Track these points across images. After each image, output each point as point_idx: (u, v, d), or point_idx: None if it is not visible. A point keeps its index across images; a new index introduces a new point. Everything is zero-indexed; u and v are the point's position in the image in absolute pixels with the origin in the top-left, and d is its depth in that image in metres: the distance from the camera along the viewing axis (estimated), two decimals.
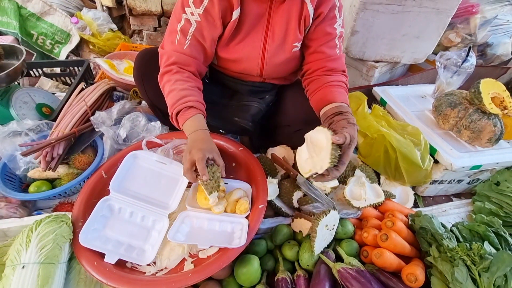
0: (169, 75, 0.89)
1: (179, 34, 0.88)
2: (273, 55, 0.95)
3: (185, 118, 0.85)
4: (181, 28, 0.88)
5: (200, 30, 0.87)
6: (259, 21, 0.91)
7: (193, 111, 0.85)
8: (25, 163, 1.00)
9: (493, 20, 1.56)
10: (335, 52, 0.95)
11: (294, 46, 0.94)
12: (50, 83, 1.65)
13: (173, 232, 0.81)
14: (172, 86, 0.87)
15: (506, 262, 0.75)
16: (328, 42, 0.93)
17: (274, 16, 0.90)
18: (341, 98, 0.88)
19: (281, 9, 0.89)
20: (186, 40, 0.88)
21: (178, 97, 0.85)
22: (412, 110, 1.37)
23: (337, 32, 0.94)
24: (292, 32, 0.92)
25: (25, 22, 1.92)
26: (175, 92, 0.86)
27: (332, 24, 0.92)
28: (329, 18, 0.91)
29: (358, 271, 0.79)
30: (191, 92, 0.87)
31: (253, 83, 1.09)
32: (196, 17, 0.86)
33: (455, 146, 1.17)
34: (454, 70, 1.36)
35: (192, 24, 0.87)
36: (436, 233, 0.90)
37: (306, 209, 1.01)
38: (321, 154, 0.75)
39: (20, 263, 0.68)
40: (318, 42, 0.94)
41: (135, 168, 0.95)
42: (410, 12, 1.37)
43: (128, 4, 2.13)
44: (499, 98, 1.16)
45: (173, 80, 0.87)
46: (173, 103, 0.86)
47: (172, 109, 0.86)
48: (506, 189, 1.17)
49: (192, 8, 0.85)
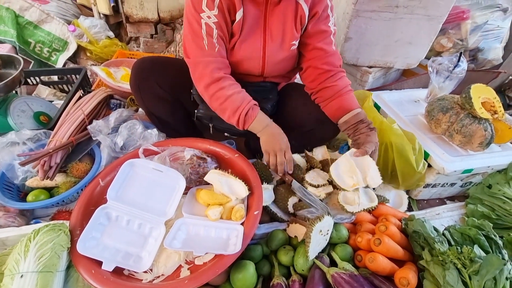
0: (219, 83, 0.93)
1: (206, 39, 0.90)
2: (273, 54, 1.00)
3: (253, 116, 0.93)
4: (206, 33, 0.90)
5: (221, 28, 0.92)
6: (257, 22, 0.95)
7: (257, 108, 0.95)
8: (23, 172, 1.01)
9: (484, 25, 1.59)
10: (331, 48, 1.02)
11: (292, 45, 1.00)
12: (47, 91, 1.66)
13: (169, 239, 0.83)
14: (229, 91, 0.92)
15: (495, 265, 0.77)
16: (324, 39, 1.00)
17: (270, 17, 0.95)
18: (356, 104, 1.00)
19: (276, 10, 0.93)
20: (215, 44, 0.92)
21: (241, 99, 0.93)
22: (406, 114, 1.39)
23: (331, 29, 1.01)
24: (289, 31, 0.96)
25: (22, 31, 1.94)
26: (235, 95, 0.93)
27: (327, 23, 1.00)
28: (324, 17, 0.98)
29: (352, 275, 0.81)
30: (246, 94, 0.96)
31: (255, 83, 1.11)
32: (213, 19, 0.89)
33: (447, 150, 1.19)
34: (446, 75, 1.39)
35: (213, 27, 0.90)
36: (429, 236, 0.92)
37: (301, 215, 1.02)
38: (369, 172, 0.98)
39: (19, 272, 0.69)
40: (315, 40, 1.00)
41: (132, 176, 0.96)
42: (402, 19, 1.40)
43: (125, 12, 2.15)
44: (489, 103, 1.19)
45: (227, 85, 0.93)
46: (238, 106, 0.92)
47: (240, 111, 0.92)
48: (497, 191, 1.19)
49: (207, 12, 0.88)
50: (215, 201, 0.94)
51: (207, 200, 0.94)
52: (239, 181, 0.93)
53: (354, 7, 1.37)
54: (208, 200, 0.94)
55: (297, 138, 1.18)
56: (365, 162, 0.99)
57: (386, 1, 1.34)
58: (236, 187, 0.93)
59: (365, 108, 1.23)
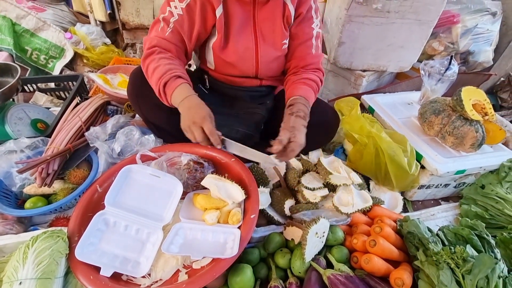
0: (152, 56, 0.92)
1: (162, 23, 0.94)
2: (266, 54, 1.02)
3: (173, 88, 0.86)
4: (163, 17, 0.94)
5: (181, 22, 0.93)
6: (246, 23, 0.97)
7: (180, 80, 0.87)
8: (20, 180, 1.02)
9: (474, 29, 1.63)
10: (311, 51, 1.02)
11: (283, 44, 1.01)
12: (44, 98, 1.67)
13: (167, 244, 0.84)
14: (157, 63, 0.89)
15: (487, 264, 0.79)
16: (305, 41, 1.01)
17: (259, 17, 0.96)
18: (299, 92, 0.97)
19: (264, 10, 0.95)
20: (168, 28, 0.93)
21: (164, 70, 0.87)
22: (399, 117, 1.41)
23: (314, 32, 1.01)
24: (279, 30, 0.98)
25: (19, 38, 1.95)
26: (161, 67, 0.88)
27: (310, 25, 1.00)
28: (307, 18, 0.99)
29: (347, 277, 0.82)
30: (177, 67, 0.90)
31: (252, 88, 1.13)
32: (179, 11, 0.92)
33: (440, 152, 1.22)
34: (438, 78, 1.42)
35: (174, 15, 0.92)
36: (423, 237, 0.93)
37: (298, 217, 1.03)
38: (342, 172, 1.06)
39: (17, 279, 0.70)
40: (296, 41, 1.01)
41: (129, 182, 0.97)
42: (393, 23, 1.43)
43: (121, 19, 2.17)
44: (480, 105, 1.22)
45: (157, 58, 0.91)
46: (159, 76, 0.87)
47: (159, 81, 0.87)
48: (490, 192, 1.21)
49: (176, 2, 0.92)
50: (212, 205, 0.95)
51: (204, 204, 0.95)
52: (236, 185, 0.94)
53: (346, 13, 1.40)
54: (205, 204, 0.95)
55: None
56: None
57: (378, 7, 1.36)
58: (233, 191, 0.94)
59: (352, 116, 1.24)
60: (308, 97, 0.97)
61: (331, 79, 1.76)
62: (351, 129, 1.22)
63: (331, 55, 1.62)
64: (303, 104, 0.94)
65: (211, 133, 0.84)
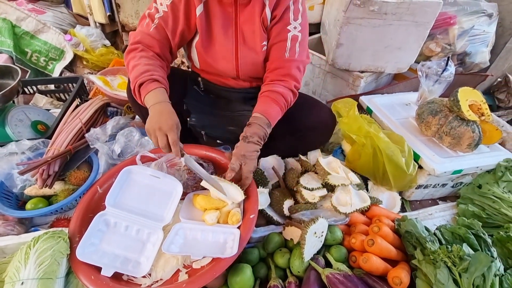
0: (134, 52, 0.93)
1: (148, 19, 0.95)
2: (246, 55, 1.01)
3: (147, 90, 0.87)
4: (149, 13, 0.95)
5: (166, 19, 0.94)
6: (228, 24, 0.97)
7: (156, 84, 0.88)
8: (21, 181, 1.03)
9: (470, 30, 1.65)
10: (283, 54, 0.98)
11: (263, 45, 0.99)
12: (44, 100, 1.68)
13: (167, 244, 0.84)
14: (137, 61, 0.90)
15: (483, 263, 0.80)
16: (277, 43, 0.98)
17: (240, 18, 0.96)
18: (261, 108, 0.96)
19: (246, 12, 0.95)
20: (153, 24, 0.95)
21: (142, 71, 0.88)
22: (397, 118, 1.42)
23: (289, 35, 0.97)
24: (258, 32, 0.97)
25: (19, 41, 1.96)
26: (140, 66, 0.89)
27: (285, 26, 0.96)
28: (282, 19, 0.96)
29: (346, 275, 0.83)
30: (155, 68, 0.90)
31: (244, 90, 1.13)
32: (164, 7, 0.93)
33: (437, 152, 1.23)
34: (435, 79, 1.43)
35: (159, 12, 0.94)
36: (420, 236, 0.94)
37: (297, 217, 1.05)
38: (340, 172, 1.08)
39: (19, 279, 0.71)
40: (271, 42, 1.00)
41: (129, 182, 0.98)
42: (391, 25, 1.44)
43: (121, 21, 2.18)
44: (477, 105, 1.23)
45: (138, 56, 0.92)
46: (136, 75, 0.88)
47: (135, 81, 0.87)
48: (487, 191, 1.22)
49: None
50: (212, 205, 0.96)
51: (204, 205, 0.96)
52: (235, 186, 0.95)
53: (344, 15, 1.41)
54: (205, 205, 0.96)
55: (290, 143, 1.21)
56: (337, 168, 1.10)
57: (375, 9, 1.38)
58: (232, 192, 0.95)
59: (350, 117, 1.24)
60: (269, 115, 0.95)
61: (329, 80, 1.77)
62: (349, 129, 1.23)
63: (330, 56, 1.64)
64: (259, 126, 0.93)
65: (174, 143, 0.85)
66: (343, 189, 1.09)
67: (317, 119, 1.04)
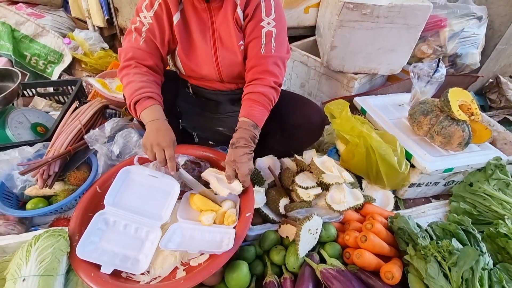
0: (127, 69, 0.96)
1: (135, 33, 0.98)
2: (224, 57, 1.03)
3: (143, 107, 0.91)
4: (135, 28, 0.98)
5: (152, 30, 0.97)
6: (205, 29, 1.00)
7: (151, 101, 0.92)
8: (22, 182, 1.05)
9: (461, 32, 1.69)
10: (259, 51, 0.99)
11: (240, 45, 1.01)
12: (43, 102, 1.70)
13: (165, 241, 0.86)
14: (131, 78, 0.94)
15: (471, 256, 0.82)
16: (252, 40, 0.99)
17: (216, 21, 0.99)
18: (244, 112, 0.98)
19: (220, 15, 0.98)
20: (141, 38, 0.97)
21: (136, 88, 0.91)
22: (390, 118, 1.45)
23: (263, 31, 0.98)
24: (234, 33, 0.99)
25: (18, 44, 1.98)
26: (134, 83, 0.92)
27: (258, 23, 0.98)
28: (254, 16, 0.97)
29: (339, 271, 0.85)
30: (149, 85, 0.94)
31: (232, 92, 1.16)
32: (148, 20, 0.97)
33: (429, 151, 1.26)
34: (426, 80, 1.47)
35: (144, 25, 0.97)
36: (412, 233, 0.97)
37: (292, 215, 1.07)
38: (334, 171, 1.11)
39: (21, 276, 0.73)
40: (246, 40, 1.01)
41: (128, 182, 1.00)
42: (383, 28, 1.48)
43: (119, 25, 2.21)
44: (466, 105, 1.26)
45: (132, 73, 0.95)
46: (131, 93, 0.91)
47: (131, 98, 0.91)
48: (478, 189, 1.25)
49: (144, 12, 0.97)
50: (208, 207, 0.98)
51: (200, 206, 0.98)
52: (236, 180, 0.97)
53: (338, 18, 1.45)
54: (201, 206, 0.98)
55: (281, 142, 1.23)
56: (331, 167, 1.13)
57: (368, 12, 1.42)
58: (232, 183, 0.97)
59: (343, 118, 1.26)
60: (254, 117, 0.97)
61: (324, 81, 1.80)
62: (342, 130, 1.26)
63: (324, 58, 1.67)
64: (245, 130, 0.95)
65: (170, 158, 0.91)
66: (337, 188, 1.12)
67: (304, 118, 1.06)
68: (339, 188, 1.11)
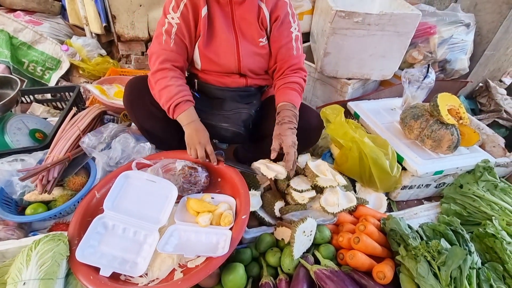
0: (163, 72, 1.04)
1: (165, 35, 1.05)
2: (246, 48, 1.12)
3: (182, 110, 1.02)
4: (165, 30, 1.05)
5: (181, 29, 1.05)
6: (227, 21, 1.09)
7: (188, 104, 1.03)
8: (21, 187, 1.06)
9: (450, 39, 1.75)
10: (292, 52, 1.13)
11: (260, 41, 1.12)
12: (41, 109, 1.71)
13: (162, 244, 0.89)
14: (169, 82, 1.02)
15: (459, 256, 0.86)
16: (286, 44, 1.12)
17: (236, 16, 1.08)
18: (285, 98, 1.10)
19: (241, 10, 1.07)
20: (171, 40, 1.05)
21: (176, 91, 1.01)
22: (383, 122, 1.49)
23: (293, 35, 1.13)
24: (255, 29, 1.10)
25: (16, 51, 2.00)
26: (173, 87, 1.01)
27: (288, 28, 1.12)
28: (286, 23, 1.11)
29: (332, 271, 0.88)
30: (186, 88, 1.05)
31: (239, 89, 1.20)
32: (176, 20, 1.04)
33: (419, 154, 1.30)
34: (417, 85, 1.51)
35: (173, 26, 1.04)
36: (403, 233, 1.00)
37: (287, 218, 1.10)
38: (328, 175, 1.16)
39: (21, 280, 0.74)
40: (278, 44, 1.13)
41: (127, 187, 1.02)
42: (374, 35, 1.53)
43: (116, 32, 2.24)
44: (455, 109, 1.31)
45: (169, 76, 1.03)
46: (171, 96, 1.01)
47: (172, 101, 1.01)
48: (468, 191, 1.29)
49: (172, 14, 1.04)
50: (204, 209, 1.00)
51: (196, 208, 1.00)
52: (279, 165, 1.10)
53: (330, 25, 1.50)
54: (197, 208, 1.00)
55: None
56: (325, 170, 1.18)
57: (359, 20, 1.46)
58: (277, 168, 1.10)
59: (337, 123, 1.31)
60: (292, 100, 1.09)
61: (319, 87, 1.85)
62: (336, 134, 1.30)
63: (318, 64, 1.71)
64: (288, 110, 1.07)
65: (211, 153, 1.06)
66: (331, 191, 1.15)
67: (303, 123, 1.11)
68: (333, 191, 1.14)
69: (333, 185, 1.13)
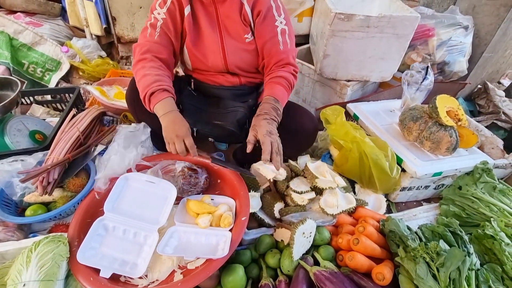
0: (143, 62, 1.02)
1: (150, 29, 1.05)
2: (231, 45, 1.11)
3: (158, 99, 0.96)
4: (150, 23, 1.05)
5: (166, 24, 1.05)
6: (212, 19, 1.08)
7: (166, 93, 0.98)
8: (21, 189, 1.06)
9: (448, 41, 1.76)
10: (279, 47, 1.09)
11: (246, 38, 1.11)
12: (41, 110, 1.72)
13: (162, 245, 0.89)
14: (147, 71, 0.99)
15: (458, 257, 0.86)
16: (271, 39, 1.08)
17: (221, 14, 1.08)
18: (267, 92, 1.07)
19: (224, 8, 1.07)
20: (156, 32, 1.05)
21: (152, 80, 0.97)
22: (382, 124, 1.50)
23: (278, 29, 1.08)
24: (239, 25, 1.09)
25: (16, 52, 2.01)
26: (150, 76, 0.98)
27: (272, 23, 1.08)
28: (269, 17, 1.07)
29: (332, 272, 0.88)
30: (164, 78, 1.00)
31: (234, 87, 1.21)
32: (162, 15, 1.04)
33: (418, 156, 1.30)
34: (416, 87, 1.52)
35: (159, 20, 1.04)
36: (402, 235, 1.00)
37: (287, 219, 1.10)
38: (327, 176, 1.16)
39: (21, 281, 0.74)
40: (262, 40, 1.10)
41: (126, 189, 1.03)
42: (373, 37, 1.53)
43: (116, 33, 2.25)
44: (454, 111, 1.31)
45: (148, 66, 1.01)
46: (147, 85, 0.97)
47: (146, 90, 0.96)
48: (466, 192, 1.30)
49: (158, 9, 1.05)
50: (204, 210, 1.01)
51: (196, 210, 1.01)
52: (266, 165, 1.08)
53: (330, 28, 1.50)
54: (197, 210, 1.01)
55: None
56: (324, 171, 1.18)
57: (358, 22, 1.47)
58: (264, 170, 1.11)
59: (337, 123, 1.31)
60: (275, 94, 1.05)
61: (318, 88, 1.85)
62: (336, 135, 1.30)
63: (318, 66, 1.72)
64: (267, 103, 1.03)
65: (191, 146, 0.97)
66: (330, 192, 1.15)
67: (297, 124, 1.11)
68: (332, 193, 1.14)
69: (333, 186, 1.13)
